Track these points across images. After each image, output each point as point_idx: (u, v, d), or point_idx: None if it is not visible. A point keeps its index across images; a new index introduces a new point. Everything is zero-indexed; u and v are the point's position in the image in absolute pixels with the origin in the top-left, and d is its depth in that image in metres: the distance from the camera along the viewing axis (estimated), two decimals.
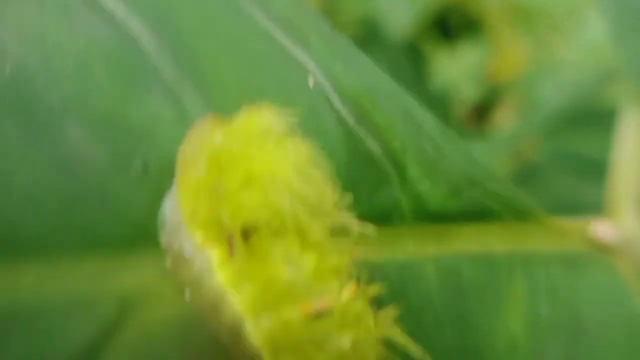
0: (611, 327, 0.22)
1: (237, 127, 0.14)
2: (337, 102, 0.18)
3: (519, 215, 0.24)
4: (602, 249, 0.26)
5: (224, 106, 0.16)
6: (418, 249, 0.19)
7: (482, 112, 0.91)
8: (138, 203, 0.14)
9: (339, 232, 0.14)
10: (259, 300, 0.13)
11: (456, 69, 0.86)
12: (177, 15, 0.17)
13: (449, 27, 0.91)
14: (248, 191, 0.13)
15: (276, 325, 0.13)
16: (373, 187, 0.17)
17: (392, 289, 0.17)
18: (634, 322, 0.23)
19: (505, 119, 0.87)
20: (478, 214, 0.22)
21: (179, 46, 0.16)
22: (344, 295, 0.14)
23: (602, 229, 0.27)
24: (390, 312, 0.14)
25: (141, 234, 0.14)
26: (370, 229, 0.14)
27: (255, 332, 0.13)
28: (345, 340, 0.13)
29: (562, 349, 0.20)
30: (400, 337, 0.14)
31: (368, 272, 0.15)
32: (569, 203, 0.57)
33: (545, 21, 0.79)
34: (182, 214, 0.14)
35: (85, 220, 0.13)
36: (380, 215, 0.18)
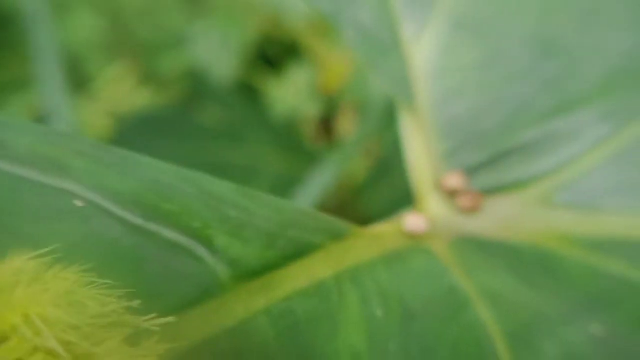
0: (433, 303, 0.26)
1: None
2: (116, 210, 0.19)
3: (337, 237, 0.27)
4: (417, 238, 0.31)
5: None
6: (247, 308, 0.21)
7: (328, 125, 0.97)
8: None
9: (142, 335, 0.15)
10: None
11: (291, 94, 0.91)
12: None
13: (272, 57, 0.96)
14: (7, 345, 0.14)
15: None
16: (180, 275, 0.19)
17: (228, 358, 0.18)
18: (451, 292, 0.27)
19: (349, 125, 0.94)
20: (299, 253, 0.25)
21: None
22: None
23: (412, 221, 0.31)
24: None
25: None
26: (170, 319, 0.15)
27: None
28: None
29: (399, 340, 0.24)
30: None
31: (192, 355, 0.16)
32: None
33: None
34: None
35: None
36: (198, 298, 0.19)
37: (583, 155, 0.32)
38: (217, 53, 0.89)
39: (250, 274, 0.22)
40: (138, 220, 0.19)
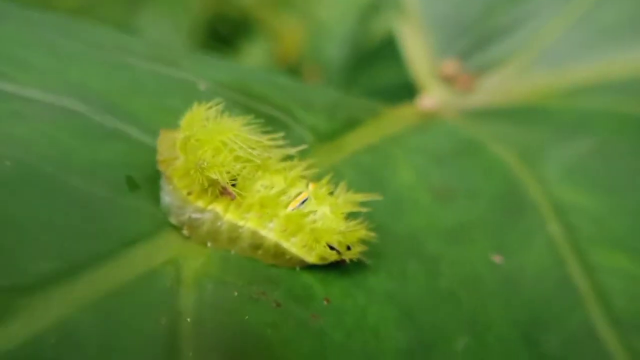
0: (456, 150, 0.33)
1: (185, 125, 0.20)
2: (226, 92, 0.24)
3: (374, 114, 0.33)
4: (431, 115, 0.37)
5: (156, 125, 0.22)
6: (332, 160, 0.27)
7: None
8: (144, 208, 0.19)
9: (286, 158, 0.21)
10: (263, 217, 0.20)
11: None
12: (90, 84, 0.22)
13: (225, 35, 0.96)
14: (220, 156, 0.19)
15: (282, 220, 0.20)
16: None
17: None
18: (468, 141, 0.34)
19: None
20: (351, 125, 0.31)
21: (105, 104, 0.22)
22: (310, 188, 0.21)
23: (425, 101, 0.38)
24: (350, 196, 0.21)
25: (158, 226, 0.20)
26: (305, 146, 0.21)
27: (268, 232, 0.20)
28: (324, 209, 0.21)
29: (437, 174, 0.30)
30: (359, 208, 0.21)
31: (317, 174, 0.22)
32: None
33: None
34: (181, 195, 0.19)
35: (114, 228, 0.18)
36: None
37: (547, 27, 0.40)
38: (168, 38, 0.89)
39: (324, 137, 0.28)
40: (242, 99, 0.25)
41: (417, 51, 0.41)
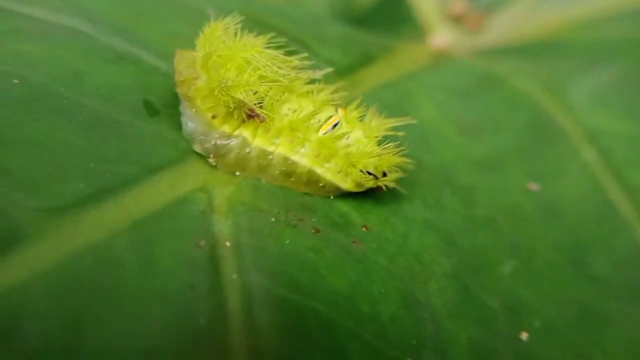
0: (475, 86, 0.31)
1: (203, 43, 0.18)
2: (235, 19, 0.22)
3: (387, 50, 0.32)
4: (443, 55, 0.36)
5: (167, 50, 0.20)
6: (351, 93, 0.26)
7: None
8: (167, 134, 0.18)
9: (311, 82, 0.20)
10: (294, 141, 0.18)
11: None
12: (94, 6, 0.20)
13: None
14: (244, 74, 0.18)
15: (314, 144, 0.18)
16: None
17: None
18: (487, 76, 0.32)
19: None
20: (366, 60, 0.29)
21: (113, 26, 0.20)
22: (340, 111, 0.20)
23: (437, 39, 0.37)
24: (382, 121, 0.20)
25: (182, 154, 0.18)
26: (331, 69, 0.20)
27: (301, 158, 0.18)
28: (357, 133, 0.19)
29: (460, 109, 0.29)
30: (393, 132, 0.20)
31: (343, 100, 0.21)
32: None
33: None
34: (205, 119, 0.18)
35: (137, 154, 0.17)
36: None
37: None
38: None
39: (341, 72, 0.27)
40: (255, 28, 0.23)
41: None
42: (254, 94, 0.18)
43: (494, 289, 0.18)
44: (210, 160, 0.18)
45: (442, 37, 0.37)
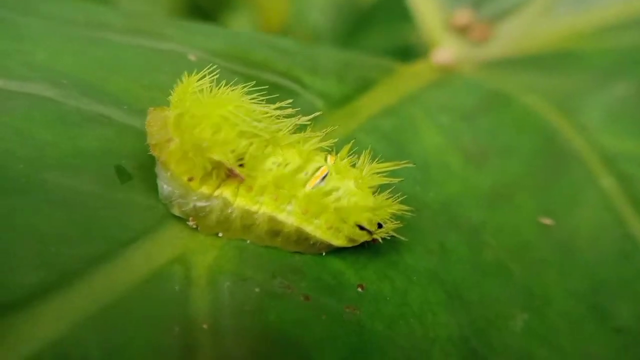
0: (482, 106, 0.30)
1: (176, 100, 0.17)
2: (221, 62, 0.21)
3: (388, 72, 0.30)
4: (448, 70, 0.34)
5: (143, 104, 0.19)
6: (346, 128, 0.24)
7: None
8: (141, 201, 0.17)
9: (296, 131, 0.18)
10: (279, 199, 0.17)
11: None
12: (60, 66, 0.19)
13: (206, 9, 0.90)
14: (221, 133, 0.16)
15: (301, 201, 0.17)
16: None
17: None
18: (494, 94, 0.31)
19: None
20: (364, 86, 0.28)
21: (80, 86, 0.19)
22: (329, 160, 0.18)
23: (440, 55, 0.35)
24: (375, 167, 0.18)
25: (159, 220, 0.17)
26: (318, 113, 0.18)
27: (287, 217, 0.17)
28: (348, 184, 0.18)
29: (469, 133, 0.27)
30: (388, 180, 0.18)
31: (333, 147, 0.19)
32: None
33: None
34: (181, 182, 0.17)
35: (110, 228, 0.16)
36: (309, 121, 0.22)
37: None
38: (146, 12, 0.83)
39: (336, 103, 0.25)
40: (240, 68, 0.22)
41: (427, 3, 0.37)
42: (233, 152, 0.16)
43: (505, 351, 0.17)
44: (190, 223, 0.17)
45: (446, 51, 0.35)
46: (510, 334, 0.17)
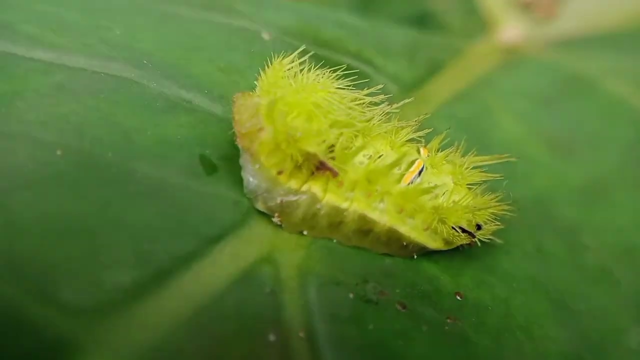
0: (547, 89, 0.28)
1: (265, 87, 0.16)
2: (293, 41, 0.20)
3: (456, 53, 0.28)
4: (514, 51, 0.32)
5: (220, 88, 0.18)
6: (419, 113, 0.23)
7: None
8: (226, 194, 0.15)
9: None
10: (371, 195, 0.16)
11: None
12: (138, 44, 0.18)
13: None
14: (314, 122, 0.15)
15: (396, 198, 0.15)
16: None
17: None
18: (562, 79, 0.28)
19: None
20: (434, 69, 0.26)
21: (161, 67, 0.17)
22: (423, 154, 0.17)
23: (507, 34, 0.32)
24: (472, 160, 0.17)
25: (244, 215, 0.15)
26: (408, 101, 0.17)
27: (380, 215, 0.15)
28: (446, 181, 0.16)
29: (547, 119, 0.25)
30: (489, 176, 0.17)
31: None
32: None
33: None
34: (270, 175, 0.15)
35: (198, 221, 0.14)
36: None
37: None
38: None
39: (408, 87, 0.24)
40: (313, 48, 0.20)
41: None
42: (324, 142, 0.15)
43: None
44: (275, 219, 0.16)
45: (512, 29, 0.32)
46: (626, 350, 0.15)
